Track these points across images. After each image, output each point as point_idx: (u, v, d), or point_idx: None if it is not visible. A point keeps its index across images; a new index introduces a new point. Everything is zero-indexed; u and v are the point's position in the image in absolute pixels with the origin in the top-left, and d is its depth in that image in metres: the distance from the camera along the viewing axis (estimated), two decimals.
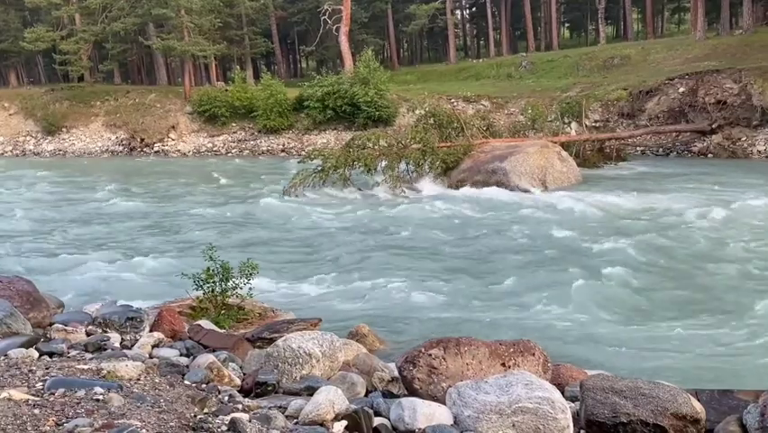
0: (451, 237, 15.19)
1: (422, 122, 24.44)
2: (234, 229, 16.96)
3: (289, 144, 37.87)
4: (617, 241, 13.84)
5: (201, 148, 39.41)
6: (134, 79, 58.11)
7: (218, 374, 4.51)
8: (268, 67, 65.15)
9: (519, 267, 12.39)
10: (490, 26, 57.86)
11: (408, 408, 3.87)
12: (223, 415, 3.71)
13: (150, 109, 42.03)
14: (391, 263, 12.95)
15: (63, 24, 48.92)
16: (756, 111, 26.89)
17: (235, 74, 45.88)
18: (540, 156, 21.57)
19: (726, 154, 27.08)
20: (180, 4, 42.03)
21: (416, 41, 70.92)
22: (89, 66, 48.11)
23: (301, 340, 4.83)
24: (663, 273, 11.60)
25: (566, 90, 34.85)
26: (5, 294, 5.31)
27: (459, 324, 9.26)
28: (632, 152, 28.69)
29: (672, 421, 3.72)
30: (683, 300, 10.16)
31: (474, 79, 44.12)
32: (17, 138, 42.50)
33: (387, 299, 10.73)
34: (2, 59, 54.41)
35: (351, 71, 40.21)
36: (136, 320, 5.50)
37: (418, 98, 35.21)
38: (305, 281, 11.82)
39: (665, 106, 29.99)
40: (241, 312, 8.36)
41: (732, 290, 10.49)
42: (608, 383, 3.95)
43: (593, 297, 10.34)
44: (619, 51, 40.91)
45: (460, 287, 11.29)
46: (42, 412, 3.37)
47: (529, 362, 4.68)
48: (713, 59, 32.84)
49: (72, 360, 4.54)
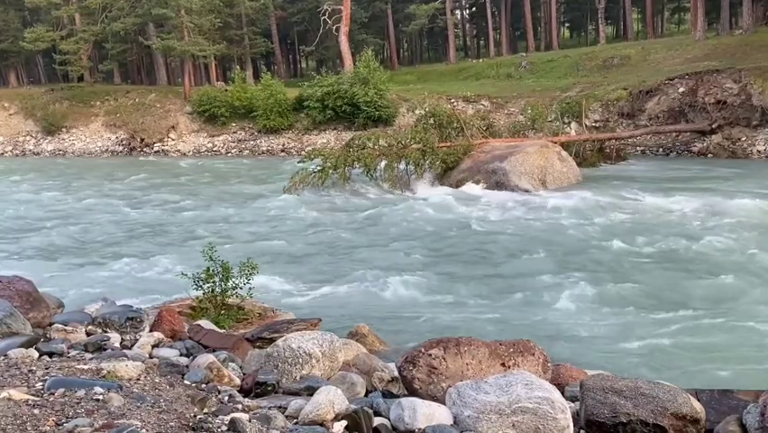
0: (450, 237, 15.20)
1: (422, 122, 24.43)
2: (234, 229, 16.98)
3: (289, 144, 37.87)
4: (617, 241, 13.85)
5: (201, 148, 39.42)
6: (134, 79, 58.10)
7: (218, 374, 4.51)
8: (268, 67, 65.14)
9: (519, 267, 12.40)
10: (490, 26, 57.84)
11: (408, 408, 3.87)
12: (222, 415, 3.71)
13: (150, 109, 42.05)
14: (391, 263, 12.96)
15: (63, 24, 48.94)
16: (756, 111, 26.88)
17: (235, 74, 45.86)
18: (540, 156, 21.57)
19: (725, 154, 27.08)
20: (180, 4, 42.03)
21: (415, 41, 70.95)
22: (89, 66, 48.10)
23: (301, 340, 4.83)
24: (664, 273, 11.60)
25: (566, 90, 34.84)
26: (5, 294, 5.31)
27: (459, 324, 9.27)
28: (632, 151, 28.69)
29: (672, 421, 3.71)
30: (683, 300, 10.16)
31: (474, 79, 44.11)
32: (17, 138, 42.50)
33: (387, 299, 10.74)
34: (2, 59, 54.38)
35: (350, 71, 40.19)
36: (136, 320, 5.50)
37: (418, 98, 35.20)
38: (305, 281, 11.83)
39: (665, 106, 29.98)
40: (241, 312, 8.36)
41: (732, 290, 10.50)
42: (607, 383, 3.95)
43: (593, 297, 10.36)
44: (619, 51, 40.92)
45: (460, 287, 11.29)
46: (42, 412, 3.37)
47: (529, 362, 4.68)
48: (713, 59, 32.83)
49: (72, 360, 4.54)
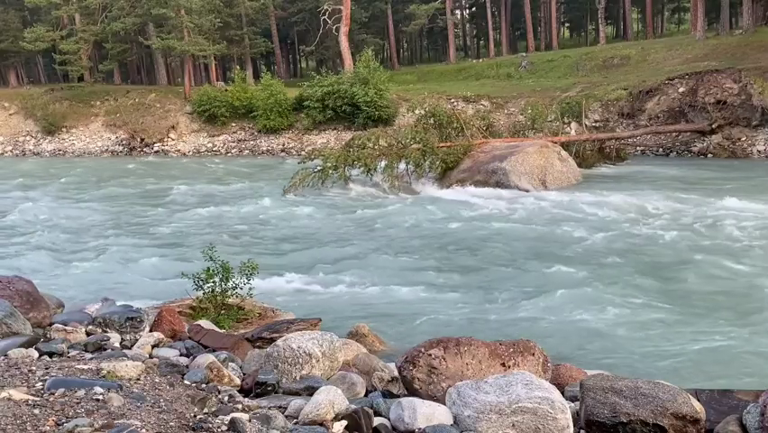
0: (450, 237, 15.20)
1: (422, 122, 24.43)
2: (234, 229, 16.97)
3: (289, 144, 37.87)
4: (617, 241, 13.86)
5: (201, 148, 39.42)
6: (134, 79, 58.11)
7: (218, 374, 4.50)
8: (268, 67, 65.17)
9: (519, 267, 12.40)
10: (490, 26, 57.83)
11: (408, 408, 3.86)
12: (222, 415, 3.71)
13: (150, 109, 42.05)
14: (391, 263, 12.97)
15: (63, 24, 48.93)
16: (756, 111, 26.89)
17: (235, 74, 45.86)
18: (540, 156, 21.58)
19: (725, 154, 27.08)
20: (180, 4, 42.03)
21: (415, 41, 71.01)
22: (89, 66, 48.06)
23: (301, 340, 4.83)
24: (664, 273, 11.60)
25: (566, 90, 34.84)
26: (5, 294, 5.31)
27: (459, 324, 9.27)
28: (632, 151, 28.68)
29: (672, 421, 3.71)
30: (683, 300, 10.16)
31: (474, 79, 44.12)
32: (17, 138, 42.48)
33: (387, 299, 10.74)
34: (2, 59, 54.34)
35: (350, 71, 40.19)
36: (136, 320, 5.49)
37: (418, 98, 35.16)
38: (305, 281, 11.82)
39: (665, 106, 29.98)
40: (241, 312, 8.36)
41: (732, 290, 10.50)
42: (607, 383, 3.95)
43: (593, 297, 10.35)
44: (619, 51, 40.93)
45: (460, 287, 11.30)
46: (42, 412, 3.37)
47: (529, 362, 4.68)
48: (713, 59, 32.86)
49: (72, 360, 4.54)
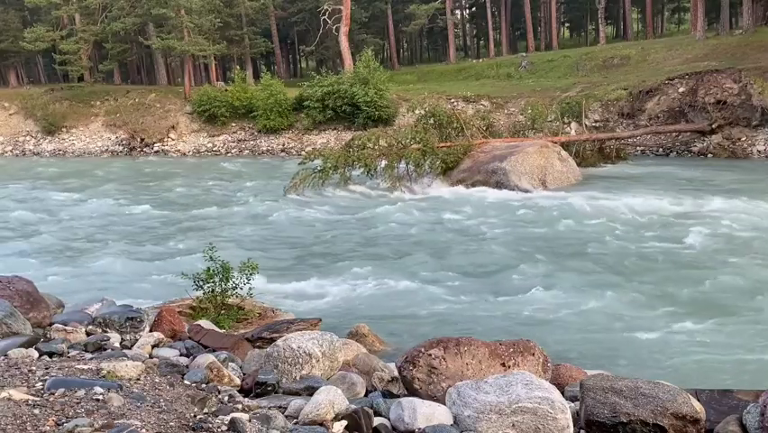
0: (450, 237, 15.21)
1: (422, 122, 24.43)
2: (234, 229, 16.97)
3: (289, 144, 37.87)
4: (617, 241, 13.86)
5: (201, 148, 39.41)
6: (134, 79, 58.09)
7: (218, 374, 4.50)
8: (268, 67, 65.15)
9: (519, 267, 12.39)
10: (490, 26, 57.83)
11: (408, 408, 3.86)
12: (222, 415, 3.71)
13: (150, 109, 42.03)
14: (391, 263, 12.97)
15: (63, 24, 48.92)
16: (756, 111, 26.88)
17: (235, 74, 45.85)
18: (540, 156, 21.58)
19: (725, 154, 27.08)
20: (180, 4, 42.02)
21: (415, 41, 70.99)
22: (89, 66, 48.05)
23: (301, 340, 4.83)
24: (663, 273, 11.60)
25: (566, 90, 34.82)
26: (5, 294, 5.31)
27: (459, 324, 9.27)
28: (632, 151, 28.67)
29: (672, 421, 3.71)
30: (683, 300, 10.17)
31: (474, 79, 44.11)
32: (17, 138, 42.47)
33: (387, 299, 10.74)
34: (2, 59, 54.32)
35: (350, 71, 40.18)
36: (136, 320, 5.49)
37: (418, 98, 35.15)
38: (305, 281, 11.83)
39: (665, 106, 29.97)
40: (241, 312, 8.36)
41: (732, 290, 10.50)
42: (607, 383, 3.94)
43: (593, 297, 10.35)
44: (619, 51, 40.91)
45: (460, 287, 11.29)
46: (42, 412, 3.37)
47: (529, 362, 4.68)
48: (713, 59, 32.85)
49: (72, 360, 4.54)
